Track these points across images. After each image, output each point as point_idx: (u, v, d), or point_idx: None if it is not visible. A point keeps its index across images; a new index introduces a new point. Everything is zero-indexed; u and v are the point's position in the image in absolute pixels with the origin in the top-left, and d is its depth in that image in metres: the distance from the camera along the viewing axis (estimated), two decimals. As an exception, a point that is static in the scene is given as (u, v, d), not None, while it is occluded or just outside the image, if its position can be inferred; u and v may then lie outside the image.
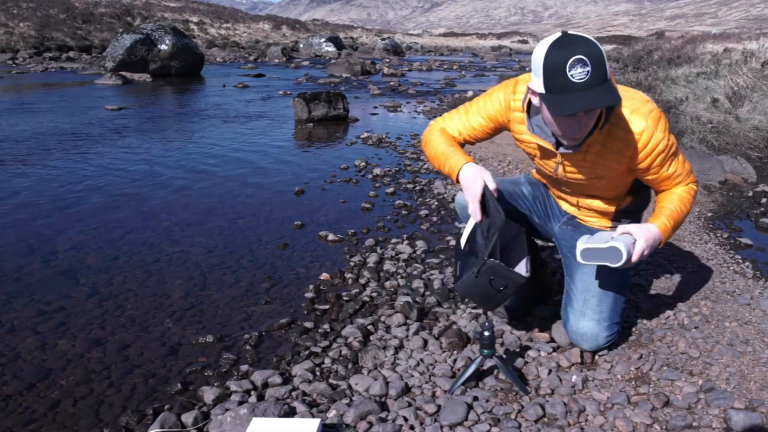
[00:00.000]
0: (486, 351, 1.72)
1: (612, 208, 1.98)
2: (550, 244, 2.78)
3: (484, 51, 37.20)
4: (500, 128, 1.97)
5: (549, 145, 1.79)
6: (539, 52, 1.54)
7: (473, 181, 1.79)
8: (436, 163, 1.96)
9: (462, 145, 2.01)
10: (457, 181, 1.86)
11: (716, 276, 2.64)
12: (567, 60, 1.48)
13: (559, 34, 1.54)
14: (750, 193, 4.23)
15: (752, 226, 3.57)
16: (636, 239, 1.71)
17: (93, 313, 2.38)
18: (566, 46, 1.50)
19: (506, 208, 2.01)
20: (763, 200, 4.04)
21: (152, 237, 3.27)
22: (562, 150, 1.77)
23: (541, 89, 1.56)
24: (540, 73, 1.54)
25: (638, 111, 1.70)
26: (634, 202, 2.03)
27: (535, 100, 1.66)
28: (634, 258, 1.68)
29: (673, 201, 1.82)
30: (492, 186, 1.78)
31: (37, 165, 4.91)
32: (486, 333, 1.70)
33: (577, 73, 1.48)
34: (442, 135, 1.99)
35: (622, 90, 1.71)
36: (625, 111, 1.70)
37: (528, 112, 1.80)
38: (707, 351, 1.98)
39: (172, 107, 9.25)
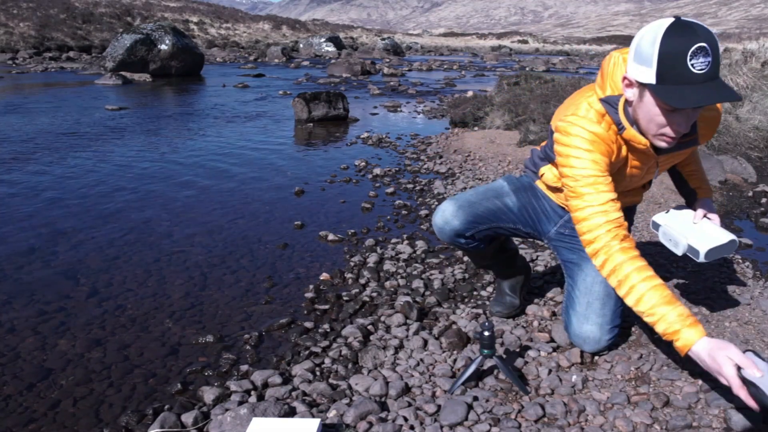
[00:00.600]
0: (486, 351, 1.72)
1: (639, 199, 2.02)
2: (539, 242, 2.78)
3: (484, 51, 37.21)
4: None
5: (650, 150, 1.63)
6: (650, 39, 1.39)
7: (720, 366, 1.36)
8: (644, 317, 1.52)
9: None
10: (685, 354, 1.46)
11: (716, 276, 2.63)
12: (689, 48, 1.34)
13: (672, 19, 1.39)
14: (750, 193, 4.22)
15: (752, 226, 3.57)
16: (711, 218, 1.79)
17: (93, 313, 2.38)
18: (686, 32, 1.35)
19: (489, 234, 2.01)
20: (763, 200, 4.04)
21: (152, 237, 3.27)
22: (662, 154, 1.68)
23: (650, 79, 1.41)
24: (652, 61, 1.38)
25: None
26: (646, 191, 2.06)
27: (631, 95, 1.51)
28: None
29: (698, 162, 1.95)
30: (746, 362, 1.34)
31: (37, 165, 4.91)
32: (486, 333, 1.70)
33: (699, 63, 1.34)
34: (633, 261, 1.54)
35: None
36: None
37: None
38: (707, 351, 1.98)
39: (172, 107, 9.25)
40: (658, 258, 2.83)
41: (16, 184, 4.29)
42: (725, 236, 1.74)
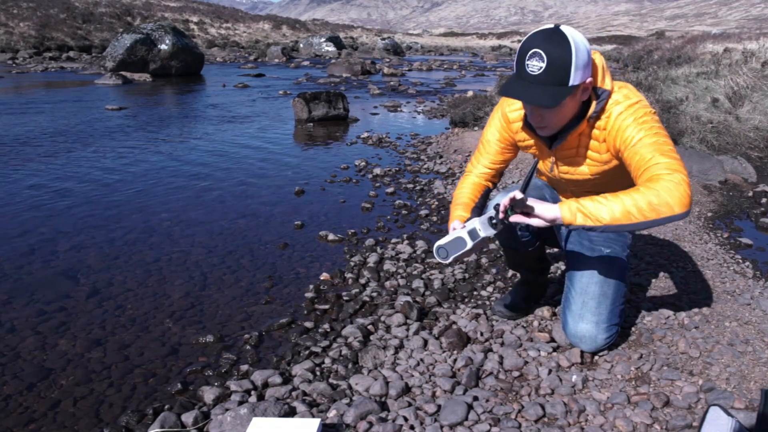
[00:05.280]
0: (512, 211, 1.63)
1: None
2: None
3: (484, 51, 37.21)
4: (514, 144, 1.97)
5: (543, 145, 1.82)
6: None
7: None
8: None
9: (497, 175, 2.04)
10: None
11: (716, 276, 2.63)
12: (529, 50, 1.55)
13: (551, 26, 1.58)
14: (750, 193, 4.23)
15: (752, 226, 3.57)
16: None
17: (93, 313, 2.38)
18: (539, 37, 1.56)
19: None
20: (763, 200, 4.04)
21: (152, 237, 3.27)
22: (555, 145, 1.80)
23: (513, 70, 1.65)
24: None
25: (616, 102, 1.69)
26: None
27: None
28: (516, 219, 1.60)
29: (629, 191, 1.56)
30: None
31: (37, 165, 4.91)
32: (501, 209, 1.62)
33: (531, 65, 1.55)
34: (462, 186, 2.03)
35: (620, 86, 1.72)
36: (611, 106, 1.70)
37: None
38: (707, 351, 1.98)
39: (172, 107, 9.25)
40: (658, 258, 2.83)
41: (16, 184, 4.29)
42: (453, 235, 1.70)
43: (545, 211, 1.57)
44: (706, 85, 7.00)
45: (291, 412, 1.68)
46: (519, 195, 1.57)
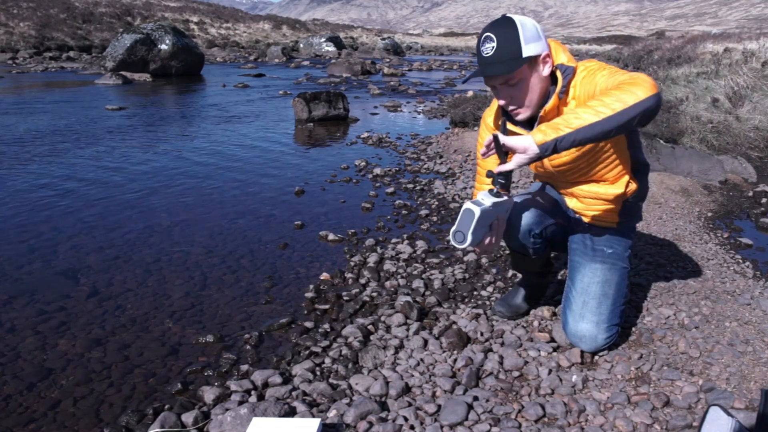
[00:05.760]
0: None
1: (619, 191, 1.88)
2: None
3: (484, 51, 37.16)
4: (506, 151, 2.00)
5: (524, 131, 1.82)
6: None
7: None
8: None
9: (504, 187, 2.05)
10: None
11: (716, 276, 2.63)
12: (482, 36, 1.72)
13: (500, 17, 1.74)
14: (750, 193, 4.23)
15: (752, 226, 3.57)
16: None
17: (93, 313, 2.38)
18: (488, 26, 1.72)
19: (553, 231, 2.08)
20: (763, 200, 4.04)
21: (152, 237, 3.27)
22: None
23: None
24: None
25: (580, 72, 1.76)
26: (639, 188, 1.95)
27: None
28: (509, 166, 1.62)
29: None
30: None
31: (37, 165, 4.91)
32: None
33: (485, 49, 1.70)
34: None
35: (586, 61, 1.81)
36: (576, 78, 1.76)
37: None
38: (707, 351, 1.98)
39: (172, 107, 9.25)
40: (658, 258, 2.83)
41: (16, 184, 4.29)
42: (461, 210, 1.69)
43: (517, 142, 1.57)
44: (706, 85, 7.00)
45: (291, 412, 1.68)
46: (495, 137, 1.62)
